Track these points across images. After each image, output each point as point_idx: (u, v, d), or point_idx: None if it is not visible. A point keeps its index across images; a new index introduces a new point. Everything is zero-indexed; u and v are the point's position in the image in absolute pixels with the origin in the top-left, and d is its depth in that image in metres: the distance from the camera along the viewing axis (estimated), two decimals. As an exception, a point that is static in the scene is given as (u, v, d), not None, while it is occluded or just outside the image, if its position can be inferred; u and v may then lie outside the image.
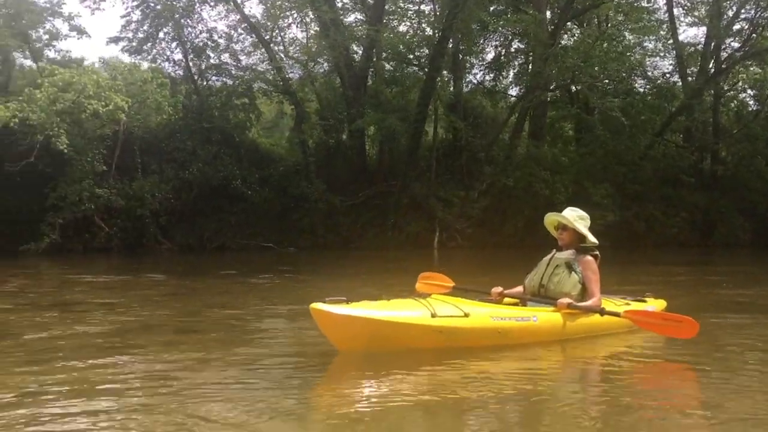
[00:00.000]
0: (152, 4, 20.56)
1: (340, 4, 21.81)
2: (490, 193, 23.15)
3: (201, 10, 21.64)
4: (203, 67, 22.02)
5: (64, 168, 16.44)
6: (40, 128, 14.42)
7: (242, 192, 20.34)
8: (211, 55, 21.68)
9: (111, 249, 18.09)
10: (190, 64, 21.55)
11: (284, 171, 21.60)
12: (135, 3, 20.59)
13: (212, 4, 20.51)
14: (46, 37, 18.93)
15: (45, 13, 18.30)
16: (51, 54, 19.25)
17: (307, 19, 21.95)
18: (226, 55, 21.76)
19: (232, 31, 20.94)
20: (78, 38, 20.10)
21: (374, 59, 22.18)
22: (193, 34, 21.47)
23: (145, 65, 22.15)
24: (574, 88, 23.32)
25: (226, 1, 19.97)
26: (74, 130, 15.33)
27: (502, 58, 26.56)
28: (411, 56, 22.69)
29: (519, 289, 5.76)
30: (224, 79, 21.55)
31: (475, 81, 26.21)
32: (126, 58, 21.00)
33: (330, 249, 20.45)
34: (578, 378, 4.68)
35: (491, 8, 22.58)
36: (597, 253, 5.58)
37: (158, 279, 11.64)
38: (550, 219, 5.74)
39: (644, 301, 6.19)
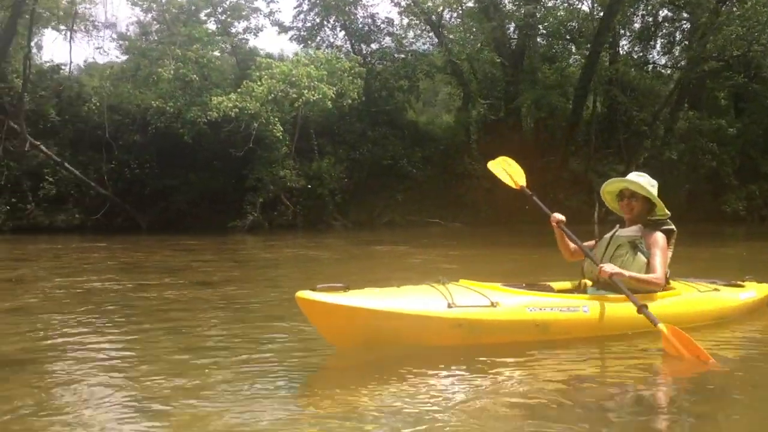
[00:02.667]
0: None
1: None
2: (649, 166, 22.99)
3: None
4: (366, 51, 23.21)
5: (257, 152, 18.00)
6: (256, 116, 15.98)
7: (408, 171, 21.38)
8: (376, 39, 22.79)
9: (296, 226, 19.60)
10: (354, 49, 22.80)
11: (445, 149, 22.47)
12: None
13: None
14: (241, 32, 20.53)
15: (243, 10, 19.90)
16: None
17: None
18: (388, 38, 22.78)
19: (398, 16, 21.88)
20: (278, 33, 21.68)
21: (530, 36, 22.52)
22: (358, 21, 22.69)
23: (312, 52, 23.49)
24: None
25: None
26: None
27: (651, 27, 26.06)
28: (566, 32, 22.85)
29: (572, 244, 4.79)
30: (386, 63, 22.48)
31: (622, 52, 25.93)
32: (294, 46, 22.34)
33: (492, 224, 21.10)
34: (642, 381, 3.58)
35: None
36: (672, 227, 4.57)
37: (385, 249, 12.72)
38: (612, 186, 4.73)
39: (740, 286, 5.32)
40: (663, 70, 26.45)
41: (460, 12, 20.66)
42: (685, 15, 25.08)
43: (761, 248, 13.38)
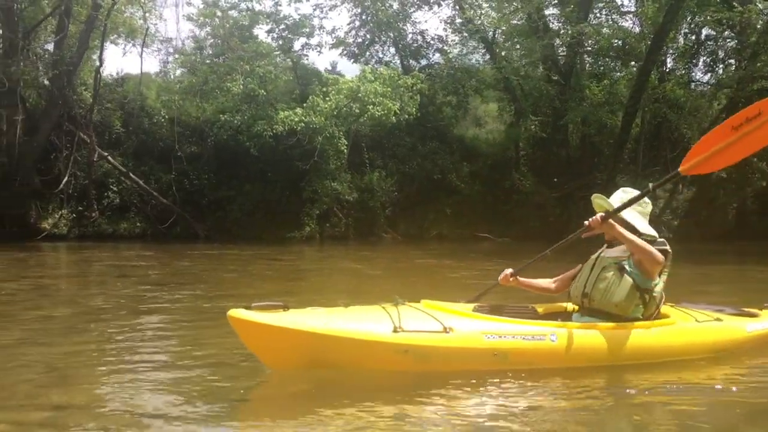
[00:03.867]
0: (371, 12, 22.31)
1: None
2: (696, 184, 23.08)
3: (413, 12, 23.33)
4: (414, 66, 23.61)
5: (314, 164, 18.43)
6: (320, 130, 16.46)
7: (456, 185, 21.67)
8: (425, 55, 23.20)
9: (348, 237, 19.97)
10: (404, 64, 23.22)
11: (492, 164, 22.73)
12: (358, 10, 22.49)
13: (434, 7, 21.91)
14: (300, 48, 21.09)
15: (305, 26, 20.45)
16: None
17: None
18: (437, 54, 23.18)
19: (448, 32, 22.28)
20: (330, 47, 22.22)
21: (578, 54, 22.73)
22: (407, 37, 23.12)
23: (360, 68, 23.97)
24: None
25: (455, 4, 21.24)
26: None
27: (694, 45, 26.05)
28: (613, 50, 23.00)
29: (543, 282, 4.68)
30: (435, 78, 22.84)
31: (667, 69, 25.96)
32: (344, 62, 22.82)
33: (542, 239, 21.23)
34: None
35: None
36: (666, 247, 4.18)
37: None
38: (595, 203, 4.46)
39: (753, 315, 4.89)
40: (705, 88, 26.48)
41: (509, 29, 20.83)
42: (727, 34, 25.16)
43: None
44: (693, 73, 26.61)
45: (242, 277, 10.35)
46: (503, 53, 21.26)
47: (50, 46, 17.69)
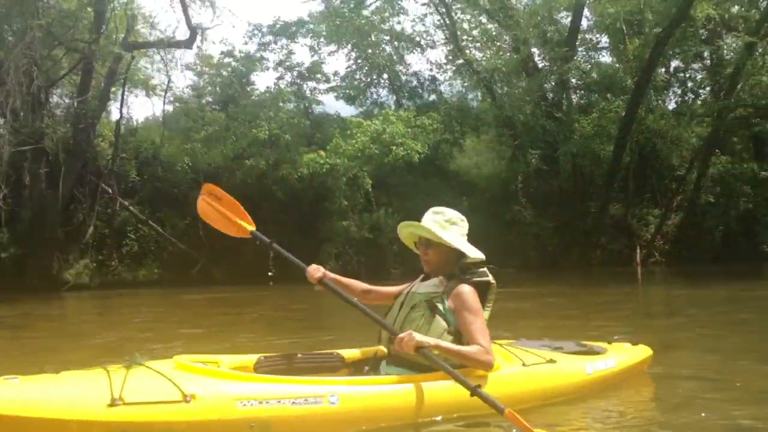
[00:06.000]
0: (369, 56, 23.20)
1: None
2: (684, 209, 24.22)
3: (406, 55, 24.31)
4: (407, 106, 24.47)
5: (324, 205, 19.03)
6: (344, 172, 17.14)
7: (458, 219, 22.36)
8: (419, 95, 24.08)
9: (360, 274, 20.45)
10: (399, 105, 24.05)
11: (491, 197, 23.51)
12: (353, 54, 23.35)
13: (426, 50, 22.90)
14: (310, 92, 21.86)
15: (318, 71, 21.23)
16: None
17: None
18: (434, 95, 24.07)
19: (446, 72, 23.26)
20: (326, 91, 22.95)
21: (566, 90, 23.91)
22: (402, 78, 24.02)
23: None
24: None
25: (448, 43, 22.23)
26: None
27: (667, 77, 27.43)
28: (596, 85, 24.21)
29: (388, 289, 4.10)
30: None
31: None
32: (341, 104, 23.58)
33: (540, 268, 22.01)
34: None
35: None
36: (488, 278, 3.68)
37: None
38: (404, 232, 3.93)
39: (595, 353, 4.43)
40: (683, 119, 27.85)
41: (506, 68, 21.87)
42: (699, 66, 26.68)
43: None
44: (667, 104, 28.16)
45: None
46: (504, 91, 22.16)
47: (61, 98, 18.13)
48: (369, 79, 24.14)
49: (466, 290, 3.54)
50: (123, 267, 18.28)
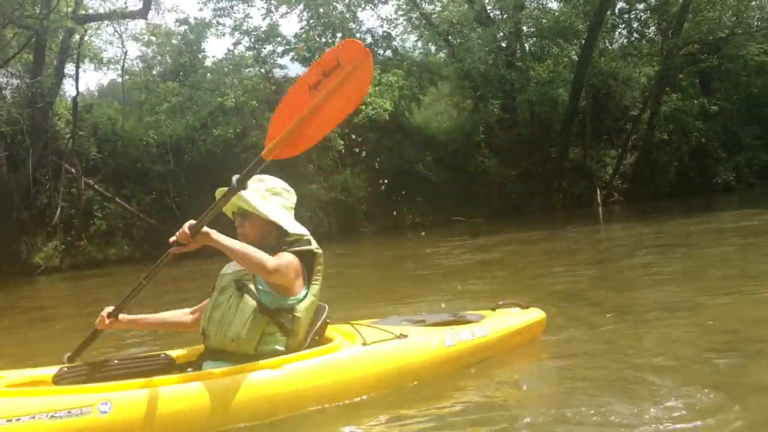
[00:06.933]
0: (321, 16, 22.89)
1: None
2: (639, 148, 24.92)
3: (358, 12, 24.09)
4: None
5: (290, 168, 18.91)
6: None
7: (424, 174, 22.58)
8: (375, 53, 23.88)
9: (332, 236, 20.56)
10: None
11: (453, 150, 23.74)
12: (305, 15, 23.05)
13: (378, 6, 22.73)
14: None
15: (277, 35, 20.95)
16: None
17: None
18: (389, 52, 23.99)
19: (398, 28, 23.17)
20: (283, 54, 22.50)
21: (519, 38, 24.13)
22: (357, 36, 23.80)
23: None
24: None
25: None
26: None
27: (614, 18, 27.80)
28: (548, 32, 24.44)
29: (172, 315, 3.59)
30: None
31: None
32: (297, 68, 23.23)
33: (506, 216, 22.43)
34: None
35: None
36: (312, 248, 3.32)
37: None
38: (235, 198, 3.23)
39: (467, 321, 3.99)
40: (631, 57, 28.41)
41: (462, 20, 21.91)
42: (643, 7, 27.16)
43: (749, 215, 14.42)
44: (615, 46, 28.64)
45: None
46: (460, 43, 22.18)
47: (11, 78, 17.50)
48: (324, 40, 23.82)
49: (284, 253, 3.19)
50: (92, 246, 17.94)
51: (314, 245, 3.32)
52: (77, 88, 17.70)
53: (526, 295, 5.70)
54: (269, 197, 3.34)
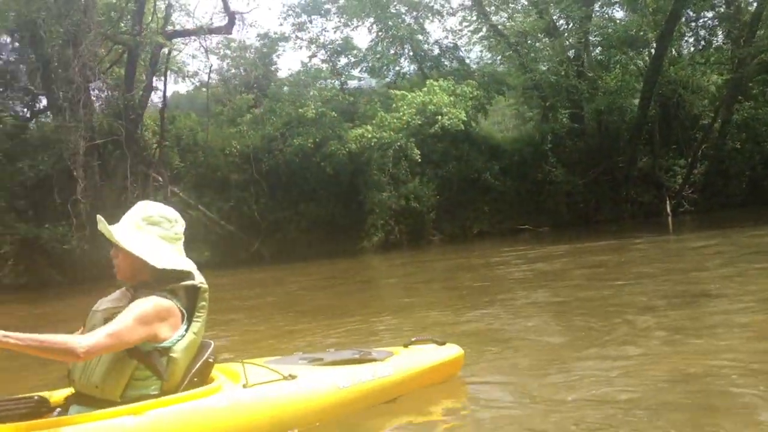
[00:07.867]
0: (389, 28, 23.42)
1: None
2: (709, 157, 24.60)
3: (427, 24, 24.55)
4: (430, 75, 24.74)
5: (365, 177, 19.46)
6: (391, 144, 17.64)
7: (491, 182, 22.83)
8: (440, 64, 24.35)
9: (402, 244, 20.97)
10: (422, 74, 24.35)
11: (520, 159, 23.90)
12: (378, 27, 23.58)
13: (446, 18, 23.12)
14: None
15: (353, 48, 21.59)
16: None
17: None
18: (455, 63, 24.33)
19: (465, 39, 23.52)
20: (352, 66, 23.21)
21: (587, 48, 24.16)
22: (424, 48, 24.29)
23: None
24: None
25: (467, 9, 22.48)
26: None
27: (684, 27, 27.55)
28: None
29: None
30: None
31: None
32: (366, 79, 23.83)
33: (573, 225, 22.45)
34: None
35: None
36: (194, 282, 3.07)
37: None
38: (101, 228, 2.93)
39: (371, 360, 3.69)
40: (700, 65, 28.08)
41: (531, 31, 22.12)
42: (712, 15, 26.83)
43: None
44: (682, 53, 28.34)
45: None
46: (532, 55, 22.39)
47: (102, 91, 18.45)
48: (393, 51, 24.38)
49: (143, 300, 2.84)
50: (175, 252, 18.71)
51: (198, 280, 3.07)
52: (164, 100, 18.55)
53: (582, 308, 5.72)
54: (144, 227, 2.99)
